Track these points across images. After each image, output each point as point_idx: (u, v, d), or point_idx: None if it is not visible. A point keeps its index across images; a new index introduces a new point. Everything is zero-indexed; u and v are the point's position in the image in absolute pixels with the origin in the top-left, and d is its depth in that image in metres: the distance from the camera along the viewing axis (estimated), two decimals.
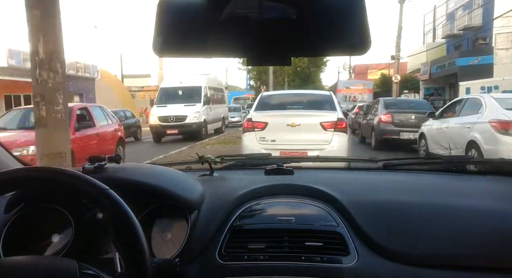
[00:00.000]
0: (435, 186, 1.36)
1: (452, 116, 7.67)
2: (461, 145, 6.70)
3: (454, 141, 7.06)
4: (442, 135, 7.68)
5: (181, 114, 14.22)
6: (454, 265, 0.99)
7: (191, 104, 14.73)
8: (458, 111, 7.48)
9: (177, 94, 15.33)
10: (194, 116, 14.33)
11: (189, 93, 15.28)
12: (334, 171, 1.69)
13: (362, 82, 31.27)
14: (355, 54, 0.67)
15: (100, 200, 0.76)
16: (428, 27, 31.33)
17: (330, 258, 1.00)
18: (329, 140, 5.54)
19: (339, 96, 27.14)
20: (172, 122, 14.14)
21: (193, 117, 14.32)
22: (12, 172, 0.81)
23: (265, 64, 0.69)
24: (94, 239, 1.05)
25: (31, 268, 0.67)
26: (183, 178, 1.20)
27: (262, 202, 1.18)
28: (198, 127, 14.31)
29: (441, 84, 25.68)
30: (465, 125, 6.78)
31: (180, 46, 0.66)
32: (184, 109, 14.38)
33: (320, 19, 0.63)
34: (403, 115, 10.14)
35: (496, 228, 1.03)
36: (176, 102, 14.66)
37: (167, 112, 14.27)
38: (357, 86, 29.73)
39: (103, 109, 8.88)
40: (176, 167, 1.52)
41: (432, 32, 30.48)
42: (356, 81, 32.22)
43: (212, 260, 1.03)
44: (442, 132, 7.64)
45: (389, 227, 1.05)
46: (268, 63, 0.68)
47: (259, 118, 5.80)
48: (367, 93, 28.72)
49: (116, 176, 1.04)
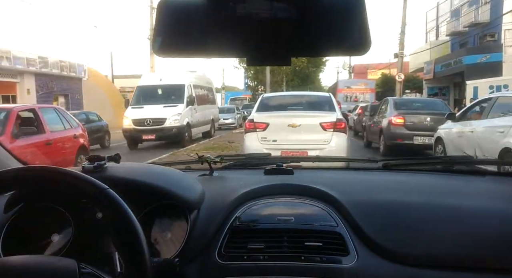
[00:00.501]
0: (434, 186, 1.38)
1: (478, 118, 6.76)
2: (492, 152, 5.80)
3: (482, 147, 6.18)
4: (465, 140, 6.75)
5: (160, 116, 12.55)
6: (453, 266, 1.00)
7: (172, 105, 13.07)
8: (486, 113, 6.54)
9: (156, 94, 13.63)
10: (174, 119, 12.64)
11: (170, 93, 13.59)
12: (333, 171, 1.71)
13: (364, 82, 30.28)
14: (355, 55, 0.67)
15: (100, 199, 0.78)
16: (431, 25, 30.45)
17: (329, 258, 1.02)
18: (329, 139, 5.76)
19: (339, 96, 26.19)
20: (149, 126, 12.43)
21: (174, 120, 12.62)
22: (11, 171, 0.82)
23: (265, 64, 0.71)
24: (93, 238, 1.06)
25: (30, 268, 0.69)
26: (183, 177, 1.22)
27: (262, 202, 1.20)
28: (180, 132, 12.64)
29: (445, 84, 25.20)
30: (497, 130, 5.85)
31: (180, 46, 0.67)
32: (164, 110, 12.74)
33: (320, 19, 0.64)
34: (416, 117, 8.97)
35: (496, 229, 1.04)
36: (154, 103, 13.03)
37: (143, 114, 12.64)
38: (358, 85, 28.51)
39: (58, 112, 7.69)
40: (176, 166, 1.56)
41: (435, 30, 29.85)
42: (358, 81, 31.09)
43: (212, 260, 1.05)
44: (466, 137, 6.72)
45: (389, 227, 1.07)
46: (268, 63, 0.70)
47: (260, 119, 6.01)
48: (369, 93, 27.69)
49: (116, 175, 1.05)
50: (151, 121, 12.42)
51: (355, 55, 0.65)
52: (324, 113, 6.12)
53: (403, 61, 23.05)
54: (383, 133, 9.60)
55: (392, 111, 9.53)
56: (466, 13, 24.08)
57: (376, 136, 10.22)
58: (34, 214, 1.10)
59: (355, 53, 0.67)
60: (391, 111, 9.61)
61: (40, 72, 19.56)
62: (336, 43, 0.65)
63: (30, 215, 1.10)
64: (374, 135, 10.55)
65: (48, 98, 20.53)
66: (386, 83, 32.22)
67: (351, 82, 29.85)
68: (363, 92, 27.61)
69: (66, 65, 21.81)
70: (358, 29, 0.63)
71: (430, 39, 30.76)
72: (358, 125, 15.83)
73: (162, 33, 0.66)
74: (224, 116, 22.44)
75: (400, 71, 22.05)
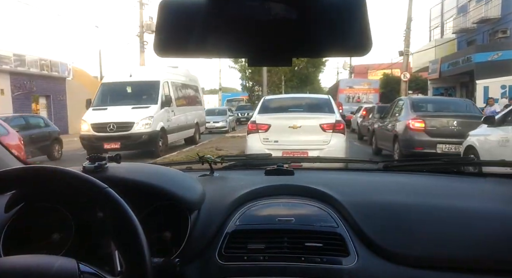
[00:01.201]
0: (435, 187, 1.41)
1: None
2: None
3: None
4: (510, 150, 5.42)
5: (126, 120, 10.43)
6: (454, 267, 1.03)
7: (143, 106, 10.95)
8: None
9: (125, 93, 11.47)
10: (145, 123, 10.51)
11: (141, 91, 11.43)
12: (334, 171, 1.74)
13: (367, 81, 28.55)
14: (356, 55, 0.68)
15: (99, 198, 0.80)
16: (435, 23, 28.79)
17: (330, 259, 1.06)
18: (328, 140, 6.08)
19: (341, 97, 24.88)
20: (112, 132, 10.28)
21: (144, 124, 10.49)
22: (12, 171, 0.85)
23: (265, 65, 0.75)
24: (94, 238, 1.10)
25: (30, 267, 0.72)
26: (184, 178, 1.26)
27: (262, 203, 1.23)
28: (151, 139, 10.48)
29: (451, 84, 24.41)
30: None
31: (181, 46, 0.68)
32: (132, 113, 10.65)
33: (321, 20, 0.65)
34: (440, 120, 7.50)
35: (496, 230, 1.07)
36: (121, 104, 10.95)
37: (106, 117, 10.51)
38: (361, 85, 26.46)
39: None
40: (177, 166, 1.59)
41: (439, 27, 28.95)
42: (361, 80, 29.04)
43: (212, 260, 1.08)
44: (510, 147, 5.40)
45: (389, 228, 1.11)
46: (269, 64, 0.72)
47: (262, 121, 6.34)
48: (372, 93, 25.94)
49: (117, 176, 1.08)
50: (115, 126, 10.29)
51: (356, 56, 0.67)
52: (323, 115, 6.43)
53: (403, 62, 22.39)
54: (398, 140, 8.16)
55: (410, 113, 8.08)
56: (474, 8, 22.62)
57: (389, 142, 8.76)
58: (34, 214, 1.13)
59: (356, 54, 0.68)
60: (407, 113, 8.15)
61: (15, 71, 18.17)
62: (336, 44, 0.67)
63: (31, 215, 1.12)
64: (386, 142, 9.08)
65: (26, 99, 19.07)
66: (388, 83, 30.80)
67: (354, 82, 27.59)
68: (366, 93, 25.74)
69: (47, 64, 20.52)
70: (359, 30, 0.64)
71: (434, 37, 29.26)
72: (364, 128, 14.34)
73: (163, 33, 0.67)
74: (215, 119, 21.29)
75: (406, 70, 20.98)
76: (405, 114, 8.34)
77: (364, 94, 25.49)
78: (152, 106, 10.97)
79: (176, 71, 13.63)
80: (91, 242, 1.09)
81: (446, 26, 28.05)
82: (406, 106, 8.52)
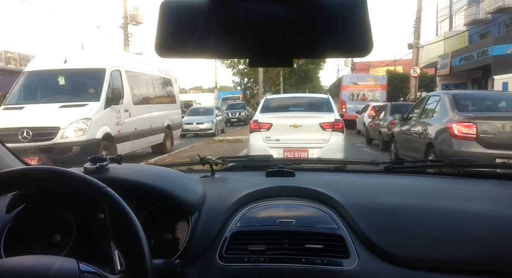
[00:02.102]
0: (436, 189, 1.44)
1: None
2: None
3: None
4: None
5: (47, 124, 7.50)
6: (455, 269, 1.06)
7: (77, 104, 8.02)
8: None
9: (55, 85, 8.48)
10: (77, 129, 7.55)
11: (79, 83, 8.50)
12: (335, 173, 1.77)
13: (373, 77, 25.42)
14: (357, 56, 0.70)
15: (98, 198, 0.83)
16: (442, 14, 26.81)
17: (330, 260, 1.09)
18: (328, 138, 6.32)
19: (344, 94, 22.56)
20: (27, 141, 7.28)
21: (76, 130, 7.52)
22: (12, 172, 0.88)
23: (266, 66, 0.75)
24: (95, 239, 1.14)
25: (30, 268, 0.74)
26: (184, 179, 1.29)
27: (263, 204, 1.27)
28: (88, 151, 7.08)
29: (462, 80, 23.21)
30: None
31: (182, 47, 0.69)
32: (58, 114, 7.75)
33: (321, 21, 0.67)
34: (498, 123, 5.11)
35: (498, 232, 1.10)
36: (46, 101, 8.17)
37: (18, 120, 7.58)
38: (367, 81, 23.30)
39: None
40: (178, 168, 1.62)
41: (447, 20, 26.98)
42: (366, 76, 26.12)
43: (213, 262, 1.12)
44: None
45: (390, 230, 1.14)
46: (270, 65, 0.73)
47: (264, 120, 6.62)
48: (379, 90, 23.01)
49: (118, 177, 1.11)
50: (31, 133, 7.31)
51: (357, 57, 0.66)
52: (323, 114, 6.74)
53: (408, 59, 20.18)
54: (433, 151, 5.95)
55: (451, 113, 5.87)
56: None
57: (417, 153, 6.77)
58: (36, 214, 1.17)
59: (357, 55, 0.69)
60: (446, 113, 5.99)
61: None
62: (337, 44, 0.68)
63: (32, 215, 1.16)
64: (412, 152, 7.13)
65: None
66: (392, 81, 28.59)
67: (358, 78, 24.15)
68: (373, 90, 22.76)
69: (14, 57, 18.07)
70: (360, 30, 0.65)
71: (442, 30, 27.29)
72: (373, 131, 12.31)
73: (164, 34, 0.68)
74: (199, 120, 18.67)
75: (416, 64, 19.80)
76: (443, 115, 6.25)
77: (370, 92, 22.57)
78: (90, 104, 7.97)
79: (136, 58, 10.75)
80: (93, 243, 1.13)
81: (455, 18, 26.54)
82: (444, 104, 6.37)
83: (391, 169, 1.64)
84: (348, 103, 21.07)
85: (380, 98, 21.40)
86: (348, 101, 21.35)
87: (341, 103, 20.66)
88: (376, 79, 23.57)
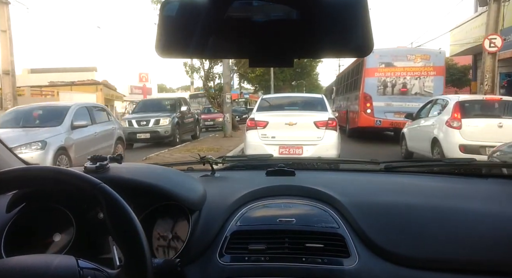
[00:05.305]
0: (436, 188, 1.44)
1: None
2: None
3: None
4: None
5: None
6: (455, 269, 1.07)
7: None
8: None
9: None
10: None
11: None
12: (335, 172, 1.78)
13: (422, 52, 13.21)
14: (357, 56, 0.71)
15: (95, 194, 0.84)
16: None
17: (331, 259, 1.10)
18: (322, 136, 6.62)
19: (370, 84, 12.56)
20: None
21: None
22: (12, 171, 0.89)
23: (267, 66, 0.75)
24: (95, 238, 1.15)
25: (29, 267, 0.75)
26: (185, 178, 1.30)
27: (263, 203, 1.28)
28: None
29: None
30: None
31: (183, 47, 0.70)
32: None
33: (322, 21, 0.67)
34: None
35: (498, 232, 1.11)
36: None
37: None
38: (410, 60, 12.59)
39: None
40: (178, 167, 1.63)
41: None
42: (408, 51, 13.64)
43: (213, 260, 1.13)
44: None
45: (390, 229, 1.15)
46: (270, 65, 0.74)
47: (261, 118, 6.93)
48: (432, 76, 12.45)
49: (118, 176, 1.13)
50: None
51: (357, 57, 0.64)
52: (317, 113, 7.05)
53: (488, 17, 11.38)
54: None
55: None
56: None
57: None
58: (36, 214, 1.18)
59: (357, 55, 0.70)
60: None
61: None
62: (338, 44, 0.68)
63: (32, 215, 1.17)
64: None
65: None
66: None
67: (395, 54, 12.69)
68: (420, 75, 12.41)
69: None
70: (360, 30, 0.66)
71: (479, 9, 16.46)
72: None
73: (165, 34, 0.69)
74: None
75: (495, 31, 11.15)
76: None
77: (416, 79, 12.35)
78: None
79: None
80: (93, 242, 1.14)
81: None
82: None
83: (391, 168, 1.65)
84: (377, 99, 12.08)
85: (433, 90, 11.93)
86: (377, 97, 12.11)
87: (364, 100, 12.20)
88: (426, 57, 12.42)
